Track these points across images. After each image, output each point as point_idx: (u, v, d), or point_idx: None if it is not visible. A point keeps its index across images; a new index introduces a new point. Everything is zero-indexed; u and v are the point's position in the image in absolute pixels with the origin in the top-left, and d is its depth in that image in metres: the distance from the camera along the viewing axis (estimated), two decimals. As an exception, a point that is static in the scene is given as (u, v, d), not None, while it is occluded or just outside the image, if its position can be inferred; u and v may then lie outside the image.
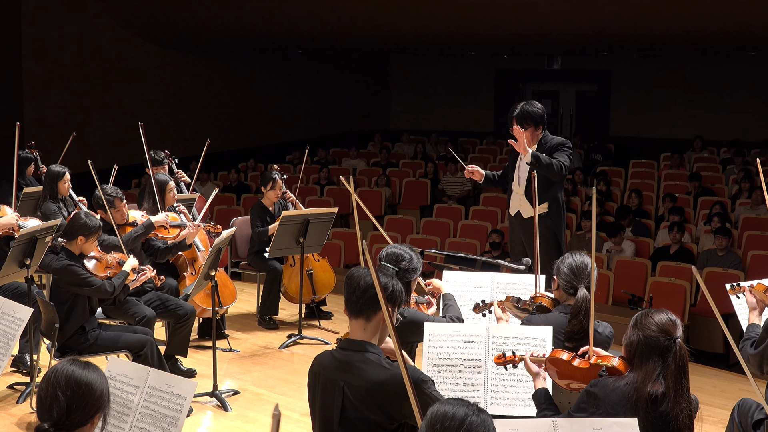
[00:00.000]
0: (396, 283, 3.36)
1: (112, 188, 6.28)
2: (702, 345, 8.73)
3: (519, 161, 6.31)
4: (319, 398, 3.29)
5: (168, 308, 6.16)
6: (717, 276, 8.75)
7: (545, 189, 6.12)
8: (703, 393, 6.17)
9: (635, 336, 3.31)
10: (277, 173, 7.81)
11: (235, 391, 5.97)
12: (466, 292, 4.99)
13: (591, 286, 3.91)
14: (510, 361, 3.78)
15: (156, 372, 3.49)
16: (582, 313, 4.01)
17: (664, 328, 3.28)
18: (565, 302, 4.19)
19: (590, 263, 4.13)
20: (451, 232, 11.23)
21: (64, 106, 13.55)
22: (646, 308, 3.46)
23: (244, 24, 13.70)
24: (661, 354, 3.26)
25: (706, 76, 16.85)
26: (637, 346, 3.30)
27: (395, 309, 3.36)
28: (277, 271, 7.59)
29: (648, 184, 12.96)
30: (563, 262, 4.22)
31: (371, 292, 3.22)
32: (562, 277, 4.18)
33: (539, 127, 6.22)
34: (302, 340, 7.18)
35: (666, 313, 3.33)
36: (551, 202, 6.17)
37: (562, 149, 6.16)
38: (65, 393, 2.69)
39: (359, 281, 3.26)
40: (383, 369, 3.17)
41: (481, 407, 2.58)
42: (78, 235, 5.40)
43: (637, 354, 3.30)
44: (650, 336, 3.27)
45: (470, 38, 14.85)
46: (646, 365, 3.26)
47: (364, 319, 3.26)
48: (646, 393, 3.21)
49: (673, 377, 3.22)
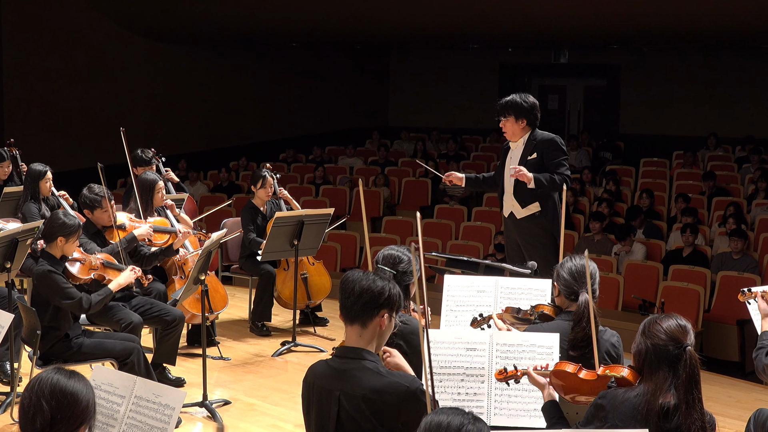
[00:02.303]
0: (393, 286, 3.34)
1: (99, 188, 6.29)
2: (716, 353, 8.75)
3: (509, 160, 6.32)
4: (314, 409, 3.30)
5: (156, 314, 6.16)
6: (732, 280, 8.77)
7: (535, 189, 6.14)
8: (718, 403, 6.18)
9: (643, 345, 3.29)
10: (267, 171, 7.82)
11: (226, 401, 5.98)
12: (468, 297, 4.99)
13: (588, 288, 3.91)
14: (512, 377, 3.76)
15: (143, 381, 3.49)
16: (585, 319, 4.02)
17: (674, 336, 3.26)
18: (567, 309, 4.20)
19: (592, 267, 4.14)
20: (453, 234, 11.25)
21: (45, 101, 13.56)
22: (656, 314, 3.44)
23: (235, 15, 13.70)
24: (671, 363, 3.24)
25: (720, 70, 16.86)
26: (646, 355, 3.28)
27: (393, 314, 3.35)
28: (270, 275, 7.60)
29: (659, 183, 12.98)
30: (563, 266, 4.22)
31: (366, 297, 3.23)
32: (562, 282, 4.19)
33: (522, 120, 6.20)
34: (296, 348, 7.19)
35: (675, 319, 3.31)
36: (543, 201, 6.18)
37: (559, 159, 6.17)
38: (50, 403, 2.70)
39: (354, 286, 3.26)
40: (380, 377, 3.18)
41: (477, 416, 2.59)
42: (57, 236, 5.40)
43: (646, 364, 3.28)
44: (658, 344, 3.25)
45: (473, 30, 14.87)
46: (656, 376, 3.24)
47: (360, 325, 3.26)
48: (657, 405, 3.19)
49: (684, 388, 3.20)
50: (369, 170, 14.82)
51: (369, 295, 3.23)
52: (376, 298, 3.24)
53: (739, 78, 16.61)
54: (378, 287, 3.25)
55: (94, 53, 14.13)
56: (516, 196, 6.22)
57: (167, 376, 6.19)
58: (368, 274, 3.30)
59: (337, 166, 15.27)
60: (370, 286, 3.25)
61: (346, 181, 14.03)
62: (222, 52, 16.48)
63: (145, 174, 6.98)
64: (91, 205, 6.19)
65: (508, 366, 3.83)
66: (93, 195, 6.16)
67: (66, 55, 13.73)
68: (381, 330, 3.27)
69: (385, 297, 3.27)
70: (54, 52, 13.58)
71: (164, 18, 14.01)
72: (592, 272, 4.17)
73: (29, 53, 13.33)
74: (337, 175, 14.47)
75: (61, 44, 13.64)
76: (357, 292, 3.25)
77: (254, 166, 14.55)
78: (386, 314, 3.27)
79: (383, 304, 3.25)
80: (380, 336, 3.30)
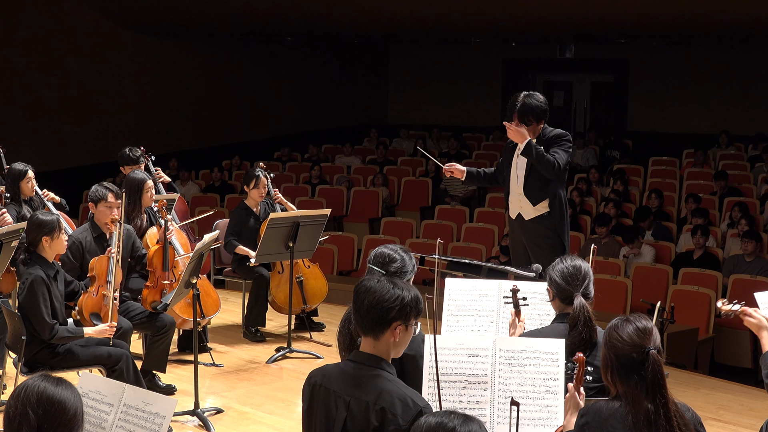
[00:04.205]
0: (408, 293, 3.26)
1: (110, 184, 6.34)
2: (729, 359, 8.76)
3: (516, 158, 6.33)
4: (319, 411, 3.30)
5: (145, 319, 6.17)
6: (745, 284, 8.78)
7: (545, 185, 6.16)
8: (730, 412, 6.19)
9: (607, 356, 3.26)
10: (261, 170, 7.83)
11: (218, 409, 5.98)
12: (470, 301, 5.00)
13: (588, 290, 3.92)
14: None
15: (132, 389, 3.49)
16: (581, 322, 4.03)
17: (634, 342, 3.21)
18: (563, 312, 4.21)
19: (584, 267, 4.15)
20: (455, 235, 11.26)
21: (28, 98, 13.54)
22: (616, 318, 3.39)
23: (228, 8, 13.71)
24: (638, 370, 3.20)
25: (732, 65, 16.86)
26: (612, 367, 3.24)
27: (408, 324, 3.28)
28: (263, 279, 7.61)
29: (669, 183, 12.99)
30: (554, 269, 4.23)
31: (375, 312, 3.22)
32: (555, 285, 4.20)
33: (541, 121, 6.25)
34: (291, 354, 7.19)
35: (634, 322, 3.26)
36: (552, 200, 6.20)
37: (560, 143, 6.18)
38: (36, 411, 2.70)
39: (363, 299, 3.25)
40: (395, 391, 3.19)
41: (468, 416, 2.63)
42: (41, 238, 5.42)
43: (616, 376, 3.24)
44: (621, 354, 3.22)
45: (475, 24, 14.87)
46: (629, 385, 3.21)
47: (372, 338, 3.27)
48: (641, 415, 3.17)
49: (651, 393, 3.17)
50: (367, 169, 14.83)
51: (378, 310, 3.22)
52: (386, 312, 3.22)
53: (752, 73, 16.61)
54: (388, 300, 3.22)
55: (80, 47, 14.11)
56: (526, 194, 6.22)
57: (157, 384, 6.19)
58: (382, 282, 3.27)
59: (334, 165, 15.27)
60: (379, 300, 3.22)
61: (343, 180, 14.04)
62: (214, 46, 16.48)
63: (133, 173, 6.97)
64: (96, 198, 6.21)
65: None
66: (102, 188, 6.18)
67: (50, 49, 13.72)
68: (395, 341, 3.26)
69: (397, 309, 3.23)
70: (37, 47, 13.57)
71: (153, 10, 14.00)
72: (586, 273, 4.18)
73: (10, 49, 13.30)
74: (334, 175, 14.47)
75: (44, 38, 13.62)
76: (366, 307, 3.24)
77: (248, 165, 14.56)
78: (399, 326, 3.25)
79: (394, 318, 3.23)
80: (396, 346, 3.29)
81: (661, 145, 15.81)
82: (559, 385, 3.90)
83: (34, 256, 5.44)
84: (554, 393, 3.90)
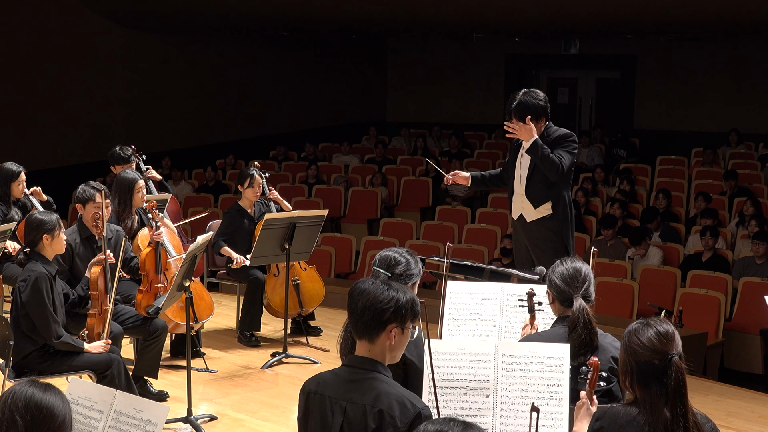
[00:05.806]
0: (403, 295, 3.28)
1: (97, 183, 6.33)
2: (738, 365, 8.76)
3: (520, 158, 6.32)
4: (314, 418, 3.31)
5: (137, 323, 6.17)
6: (755, 287, 8.78)
7: (548, 187, 6.15)
8: (740, 419, 6.20)
9: (628, 363, 3.23)
10: (256, 170, 7.83)
11: (212, 416, 5.99)
12: (472, 304, 5.00)
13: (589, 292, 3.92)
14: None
15: (123, 395, 3.50)
16: (581, 325, 4.04)
17: (655, 348, 3.20)
18: (562, 315, 4.22)
19: (585, 269, 4.15)
20: (456, 237, 11.26)
21: (14, 94, 13.52)
22: (635, 322, 3.37)
23: (224, 3, 13.70)
24: (660, 377, 3.18)
25: (742, 62, 16.87)
26: (632, 374, 3.22)
27: (407, 326, 3.30)
28: (258, 282, 7.61)
29: (677, 183, 13.00)
30: (553, 271, 4.23)
31: (369, 314, 3.23)
32: (554, 288, 4.21)
33: (541, 119, 6.21)
34: (287, 359, 7.20)
35: (655, 326, 3.25)
36: (555, 202, 6.19)
37: (565, 144, 6.17)
38: (24, 418, 2.71)
39: (357, 302, 3.27)
40: (393, 393, 3.20)
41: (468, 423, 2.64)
42: (41, 236, 5.42)
43: (635, 382, 3.22)
44: (642, 361, 3.20)
45: (477, 19, 14.88)
46: (649, 393, 3.19)
47: (367, 341, 3.28)
48: (660, 426, 3.15)
49: (671, 401, 3.15)
50: (365, 169, 14.83)
51: (372, 312, 3.23)
52: (380, 314, 3.23)
53: (763, 70, 16.62)
54: (382, 302, 3.23)
55: (68, 42, 14.08)
56: (528, 195, 6.22)
57: (149, 390, 6.19)
58: (376, 285, 3.28)
59: (332, 164, 15.28)
60: (373, 302, 3.23)
61: (341, 180, 14.04)
62: (208, 42, 16.47)
63: (124, 172, 6.97)
64: (83, 198, 6.19)
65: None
66: (89, 188, 6.17)
67: (37, 44, 13.70)
68: (391, 344, 3.27)
69: (391, 312, 3.24)
70: (23, 42, 13.55)
71: (144, 4, 14.00)
72: (586, 275, 4.19)
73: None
74: (332, 174, 14.48)
75: (31, 33, 13.60)
76: (360, 309, 3.25)
77: (242, 164, 14.57)
78: (395, 329, 3.26)
79: (389, 320, 3.24)
80: (392, 350, 3.30)
81: (669, 143, 15.83)
82: (563, 391, 3.90)
83: (34, 255, 5.43)
84: (559, 399, 3.89)
